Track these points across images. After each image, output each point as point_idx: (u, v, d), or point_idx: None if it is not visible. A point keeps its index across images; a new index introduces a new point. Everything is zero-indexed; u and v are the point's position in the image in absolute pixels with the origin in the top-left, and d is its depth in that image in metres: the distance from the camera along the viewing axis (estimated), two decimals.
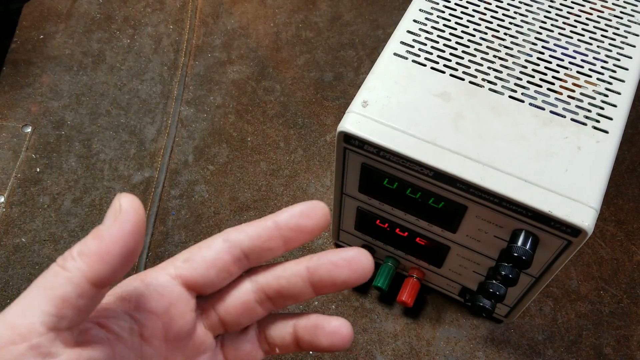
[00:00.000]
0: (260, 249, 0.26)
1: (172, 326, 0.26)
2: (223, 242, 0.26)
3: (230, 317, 0.28)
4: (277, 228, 0.26)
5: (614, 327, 0.48)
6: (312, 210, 0.26)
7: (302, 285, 0.27)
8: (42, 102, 0.60)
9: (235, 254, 0.26)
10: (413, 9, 0.41)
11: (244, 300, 0.28)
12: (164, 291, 0.26)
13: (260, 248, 0.26)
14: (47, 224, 0.52)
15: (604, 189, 0.33)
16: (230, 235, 0.26)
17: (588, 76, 0.37)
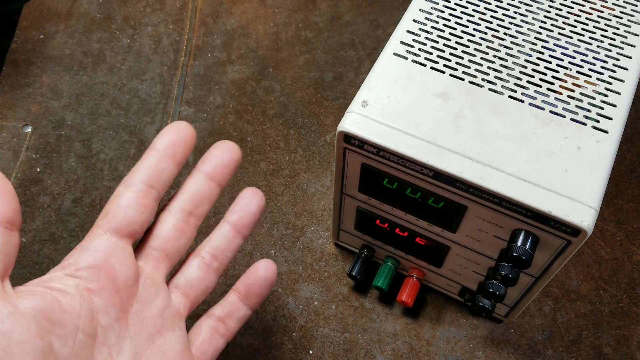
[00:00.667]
0: (156, 174, 0.31)
1: (117, 275, 0.29)
2: (125, 185, 0.30)
3: (168, 245, 0.31)
4: (158, 151, 0.31)
5: (613, 327, 0.48)
6: (177, 132, 0.31)
7: (209, 188, 0.33)
8: (42, 102, 0.60)
9: (140, 188, 0.30)
10: (413, 9, 0.41)
11: (171, 225, 0.32)
12: (99, 247, 0.29)
13: (156, 173, 0.31)
14: (47, 224, 0.52)
15: (603, 189, 0.33)
16: (128, 178, 0.30)
17: (588, 76, 0.37)
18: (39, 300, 0.26)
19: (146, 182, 0.31)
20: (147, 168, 0.31)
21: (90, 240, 0.29)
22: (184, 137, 0.32)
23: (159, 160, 0.31)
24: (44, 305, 0.26)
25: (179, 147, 0.32)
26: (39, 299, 0.27)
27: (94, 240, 0.29)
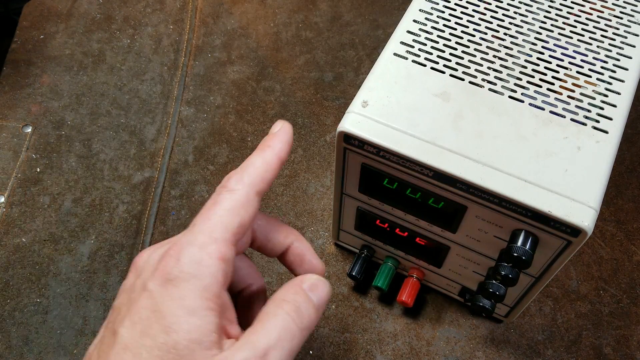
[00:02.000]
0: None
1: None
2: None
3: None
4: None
5: (613, 327, 0.48)
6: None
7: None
8: (42, 102, 0.60)
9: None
10: (413, 9, 0.41)
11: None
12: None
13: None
14: (47, 224, 0.52)
15: (603, 189, 0.33)
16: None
17: (588, 76, 0.37)
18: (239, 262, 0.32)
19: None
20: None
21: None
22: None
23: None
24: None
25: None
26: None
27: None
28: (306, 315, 0.28)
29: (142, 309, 0.25)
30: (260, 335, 0.26)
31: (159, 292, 0.25)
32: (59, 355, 0.46)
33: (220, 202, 0.28)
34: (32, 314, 0.48)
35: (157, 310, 0.25)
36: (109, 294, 0.49)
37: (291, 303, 0.28)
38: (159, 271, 0.26)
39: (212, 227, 0.27)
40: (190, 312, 0.25)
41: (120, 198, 0.54)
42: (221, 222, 0.27)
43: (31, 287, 0.49)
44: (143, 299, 0.25)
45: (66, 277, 0.50)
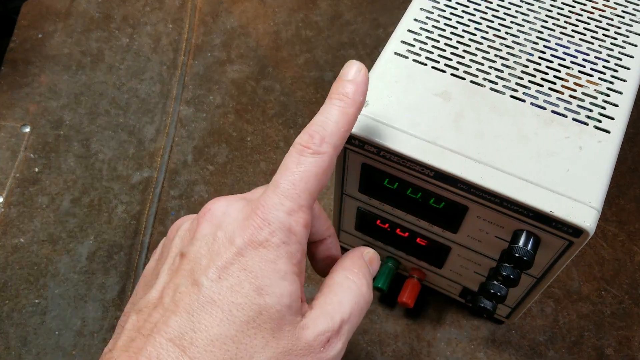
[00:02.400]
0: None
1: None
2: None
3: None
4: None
5: (615, 328, 0.47)
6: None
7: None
8: (40, 102, 0.59)
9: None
10: (414, 8, 0.41)
11: None
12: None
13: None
14: (46, 224, 0.52)
15: (605, 189, 0.33)
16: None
17: (590, 75, 0.37)
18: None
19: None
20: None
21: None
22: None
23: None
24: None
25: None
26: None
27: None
28: (369, 290, 0.29)
29: (230, 265, 0.25)
30: (335, 307, 0.27)
31: (249, 252, 0.25)
32: (58, 356, 0.46)
33: (305, 164, 0.27)
34: (30, 314, 0.48)
35: (247, 270, 0.24)
36: (107, 294, 0.49)
37: (359, 276, 0.29)
38: (248, 231, 0.25)
39: (298, 193, 0.26)
40: (282, 277, 0.25)
41: (119, 198, 0.54)
42: (307, 189, 0.27)
43: (29, 287, 0.49)
44: (230, 254, 0.25)
45: (65, 277, 0.50)
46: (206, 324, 0.23)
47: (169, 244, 0.28)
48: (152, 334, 0.24)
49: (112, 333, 0.47)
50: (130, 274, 0.50)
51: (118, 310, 0.48)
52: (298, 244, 0.26)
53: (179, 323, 0.24)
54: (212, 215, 0.27)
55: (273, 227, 0.25)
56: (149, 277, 0.28)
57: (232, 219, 0.26)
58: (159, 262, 0.28)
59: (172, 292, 0.25)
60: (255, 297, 0.24)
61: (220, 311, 0.24)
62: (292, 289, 0.25)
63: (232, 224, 0.26)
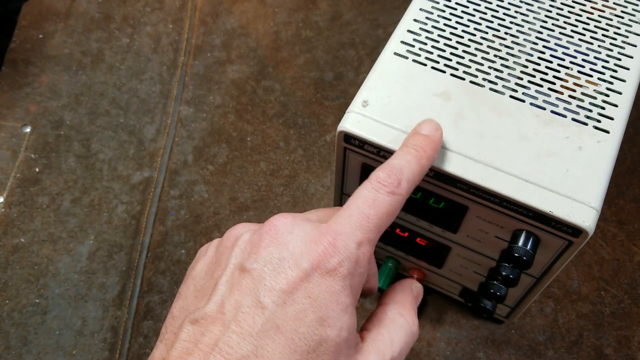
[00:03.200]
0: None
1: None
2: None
3: None
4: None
5: (615, 328, 0.47)
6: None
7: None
8: (41, 102, 0.59)
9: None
10: (413, 8, 0.41)
11: None
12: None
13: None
14: (46, 224, 0.52)
15: (605, 189, 0.33)
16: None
17: (589, 76, 0.37)
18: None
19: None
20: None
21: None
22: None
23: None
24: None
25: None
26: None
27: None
28: (418, 328, 0.29)
29: (296, 290, 0.24)
30: (387, 344, 0.27)
31: (315, 279, 0.24)
32: (58, 356, 0.46)
33: (381, 203, 0.27)
34: (30, 314, 0.48)
35: (312, 298, 0.24)
36: (108, 294, 0.49)
37: (411, 314, 0.29)
38: (316, 256, 0.25)
39: (370, 227, 0.26)
40: (344, 309, 0.25)
41: (119, 198, 0.54)
42: (378, 225, 0.27)
43: (30, 287, 0.49)
44: (296, 278, 0.24)
45: (65, 277, 0.50)
46: (269, 350, 0.23)
47: (227, 252, 0.27)
48: (213, 352, 0.23)
49: (112, 333, 0.47)
50: (130, 274, 0.50)
51: (118, 309, 0.48)
52: (360, 276, 0.26)
53: (240, 345, 0.23)
54: (277, 232, 0.26)
55: (342, 256, 0.25)
56: (201, 283, 0.27)
57: (300, 241, 0.25)
58: (213, 268, 0.27)
59: (233, 309, 0.24)
60: (318, 328, 0.24)
61: (284, 338, 0.23)
62: (351, 322, 0.25)
63: (300, 246, 0.25)
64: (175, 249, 0.51)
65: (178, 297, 0.28)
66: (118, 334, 0.47)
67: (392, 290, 0.31)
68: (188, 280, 0.28)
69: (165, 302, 0.49)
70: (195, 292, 0.27)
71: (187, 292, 0.28)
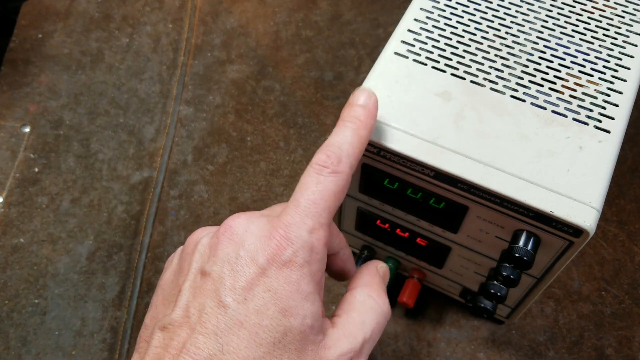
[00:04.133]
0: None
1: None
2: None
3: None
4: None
5: (615, 328, 0.47)
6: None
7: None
8: (40, 102, 0.59)
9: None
10: (414, 8, 0.41)
11: None
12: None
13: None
14: (46, 224, 0.52)
15: (605, 189, 0.33)
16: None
17: (590, 75, 0.37)
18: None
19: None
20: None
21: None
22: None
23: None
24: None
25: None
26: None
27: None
28: (389, 307, 0.29)
29: (255, 286, 0.25)
30: (357, 327, 0.27)
31: (273, 272, 0.25)
32: (57, 356, 0.46)
33: (325, 184, 0.27)
34: (30, 314, 0.48)
35: (272, 291, 0.25)
36: (107, 294, 0.49)
37: (379, 294, 0.29)
38: (270, 250, 0.25)
39: (319, 212, 0.26)
40: (305, 297, 0.25)
41: (118, 198, 0.54)
42: (327, 207, 0.27)
43: (29, 287, 0.49)
44: (253, 274, 0.25)
45: (64, 277, 0.50)
46: (234, 346, 0.24)
47: (188, 258, 0.28)
48: (181, 354, 0.24)
49: (112, 333, 0.47)
50: (130, 274, 0.50)
51: (118, 310, 0.48)
52: (319, 262, 0.26)
53: (207, 344, 0.24)
54: (232, 232, 0.27)
55: (296, 246, 0.25)
56: (168, 291, 0.28)
57: (254, 237, 0.26)
58: (177, 275, 0.28)
59: (197, 312, 0.25)
60: (281, 319, 0.24)
61: (248, 333, 0.24)
62: (314, 309, 0.25)
63: (255, 242, 0.26)
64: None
65: (149, 307, 0.29)
66: (117, 335, 0.47)
67: (358, 274, 0.32)
68: (158, 290, 0.29)
69: None
70: (164, 300, 0.28)
71: (157, 301, 0.28)
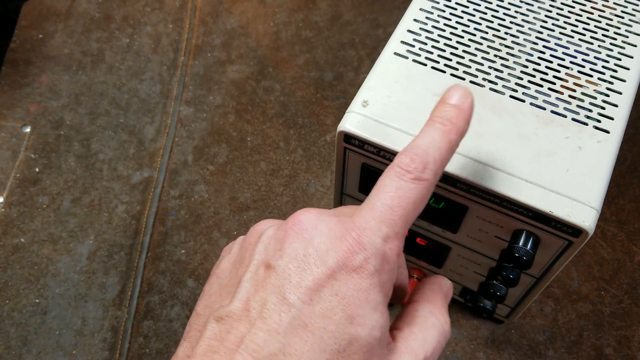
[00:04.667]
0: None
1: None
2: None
3: None
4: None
5: (614, 328, 0.47)
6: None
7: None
8: (41, 102, 0.59)
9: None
10: (413, 8, 0.41)
11: None
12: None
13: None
14: (46, 224, 0.52)
15: (605, 189, 0.33)
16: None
17: (589, 76, 0.37)
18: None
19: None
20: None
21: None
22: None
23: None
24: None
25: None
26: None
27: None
28: (450, 327, 0.28)
29: (322, 287, 0.23)
30: (419, 344, 0.26)
31: (342, 277, 0.23)
32: (58, 356, 0.46)
33: (405, 190, 0.25)
34: (30, 314, 0.48)
35: (340, 296, 0.23)
36: (108, 294, 0.49)
37: (442, 313, 0.28)
38: (342, 253, 0.24)
39: (395, 220, 0.25)
40: (374, 307, 0.24)
41: (119, 198, 0.54)
42: (405, 216, 0.25)
43: (30, 287, 0.49)
44: (322, 275, 0.23)
45: (65, 277, 0.50)
46: (297, 349, 0.22)
47: (251, 249, 0.26)
48: (239, 349, 0.22)
49: (112, 332, 0.47)
50: (130, 274, 0.50)
51: (118, 309, 0.48)
52: (390, 273, 0.25)
53: (267, 342, 0.22)
54: (301, 228, 0.25)
55: (368, 252, 0.24)
56: (226, 281, 0.27)
57: (325, 237, 0.24)
58: (237, 265, 0.27)
59: (259, 306, 0.23)
60: (348, 327, 0.23)
61: (313, 337, 0.23)
62: (383, 321, 0.24)
63: (325, 242, 0.24)
64: (175, 249, 0.51)
65: (202, 295, 0.27)
66: (118, 334, 0.47)
67: (422, 288, 0.30)
68: (212, 278, 0.28)
69: (165, 302, 0.49)
70: (220, 289, 0.26)
71: (211, 290, 0.27)
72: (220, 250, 0.51)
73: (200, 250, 0.51)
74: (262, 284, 0.24)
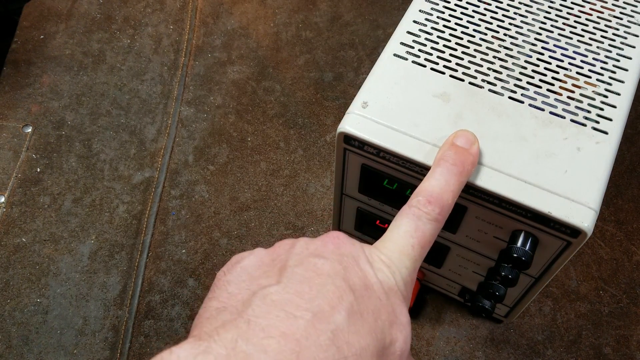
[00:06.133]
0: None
1: None
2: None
3: None
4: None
5: (613, 327, 0.48)
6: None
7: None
8: (42, 102, 0.60)
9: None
10: (413, 10, 0.41)
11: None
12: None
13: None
14: (48, 224, 0.53)
15: (603, 190, 0.33)
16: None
17: (587, 77, 0.37)
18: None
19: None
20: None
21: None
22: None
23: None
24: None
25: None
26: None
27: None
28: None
29: (371, 290, 0.25)
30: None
31: (381, 298, 0.26)
32: (59, 355, 0.46)
33: (424, 230, 0.28)
34: (32, 314, 0.48)
35: (383, 302, 0.25)
36: (109, 294, 0.49)
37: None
38: (378, 277, 0.26)
39: (417, 256, 0.28)
40: (408, 322, 0.26)
41: (120, 198, 0.54)
42: (422, 254, 0.28)
43: (31, 287, 0.49)
44: (369, 280, 0.26)
45: (66, 277, 0.50)
46: (354, 331, 0.24)
47: (286, 251, 0.27)
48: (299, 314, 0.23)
49: (113, 332, 0.47)
50: (131, 273, 0.50)
51: (119, 309, 0.49)
52: (407, 300, 0.28)
53: (333, 311, 0.24)
54: (340, 241, 0.27)
55: (398, 280, 0.27)
56: (258, 273, 0.27)
57: (356, 259, 0.26)
58: (272, 264, 0.27)
59: (317, 287, 0.25)
60: (390, 328, 0.25)
61: (367, 326, 0.24)
62: (408, 337, 0.27)
63: (354, 266, 0.26)
64: (176, 248, 0.52)
65: (223, 285, 0.26)
66: (119, 334, 0.47)
67: None
68: (236, 269, 0.27)
69: (165, 301, 0.49)
70: (261, 272, 0.26)
71: (239, 278, 0.26)
72: (220, 249, 0.52)
73: (201, 250, 0.51)
74: (313, 269, 0.25)
